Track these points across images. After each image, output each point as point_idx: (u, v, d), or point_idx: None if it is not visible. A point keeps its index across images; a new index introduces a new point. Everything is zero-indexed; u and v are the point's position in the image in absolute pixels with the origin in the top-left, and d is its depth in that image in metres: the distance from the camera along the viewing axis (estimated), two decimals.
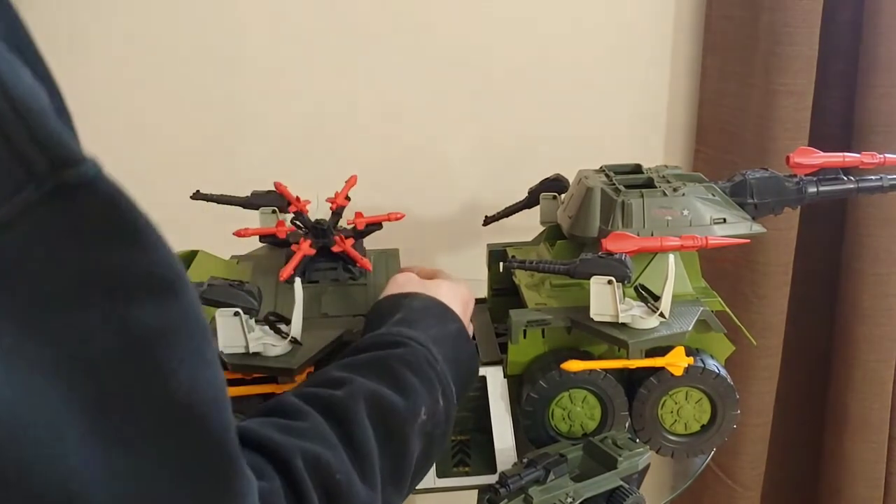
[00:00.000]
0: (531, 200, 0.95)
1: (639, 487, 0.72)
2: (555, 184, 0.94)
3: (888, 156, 0.85)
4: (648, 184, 0.82)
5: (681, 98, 1.26)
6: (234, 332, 0.68)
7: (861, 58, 1.12)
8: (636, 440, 0.73)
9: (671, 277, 0.72)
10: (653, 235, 0.77)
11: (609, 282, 0.71)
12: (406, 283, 0.71)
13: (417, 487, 0.74)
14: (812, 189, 0.85)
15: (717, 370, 0.76)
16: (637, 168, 0.87)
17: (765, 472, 1.30)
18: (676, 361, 0.74)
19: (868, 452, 1.26)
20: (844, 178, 0.85)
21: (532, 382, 0.75)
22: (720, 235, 0.78)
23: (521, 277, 0.84)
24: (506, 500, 0.65)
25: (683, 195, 0.79)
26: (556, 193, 0.92)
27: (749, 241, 0.80)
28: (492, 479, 0.68)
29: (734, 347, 0.80)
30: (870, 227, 1.16)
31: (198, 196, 0.93)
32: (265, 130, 1.20)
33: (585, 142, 1.23)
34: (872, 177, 0.85)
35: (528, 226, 0.95)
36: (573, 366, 0.74)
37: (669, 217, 0.78)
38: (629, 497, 0.69)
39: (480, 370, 0.77)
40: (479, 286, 0.94)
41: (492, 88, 1.21)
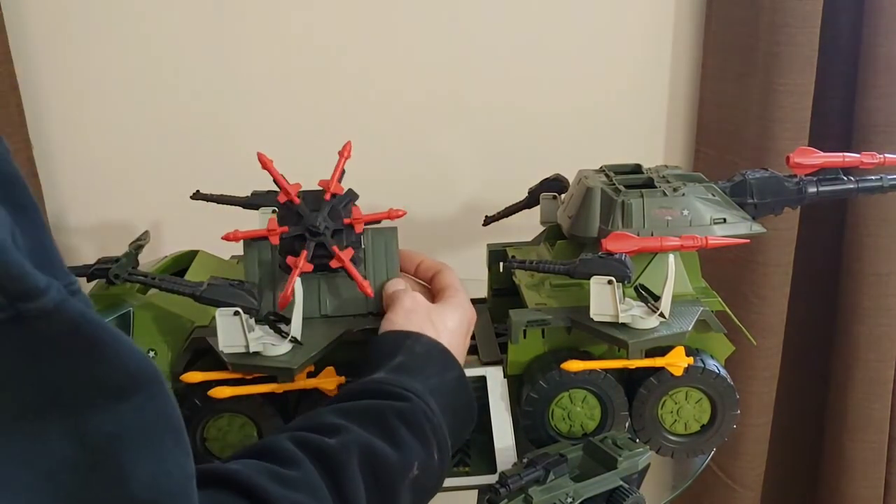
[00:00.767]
0: (531, 200, 0.95)
1: (639, 487, 0.72)
2: (555, 184, 0.94)
3: (888, 156, 0.85)
4: (648, 184, 0.82)
5: (681, 98, 1.26)
6: (234, 332, 0.68)
7: (861, 58, 1.12)
8: (636, 440, 0.73)
9: (671, 277, 0.72)
10: (653, 235, 0.77)
11: (609, 282, 0.71)
12: (412, 311, 0.69)
13: None
14: (812, 189, 0.85)
15: (717, 370, 0.76)
16: (637, 168, 0.87)
17: (765, 472, 1.30)
18: (676, 361, 0.74)
19: (868, 452, 1.26)
20: (844, 178, 0.85)
21: (532, 382, 0.75)
22: (720, 235, 0.78)
23: (521, 277, 0.84)
24: (506, 500, 0.65)
25: (683, 195, 0.79)
26: (556, 193, 0.92)
27: (749, 241, 0.80)
28: (492, 479, 0.68)
29: (734, 347, 0.80)
30: (870, 227, 1.16)
31: (198, 196, 0.93)
32: (265, 130, 1.20)
33: (585, 142, 1.23)
34: (872, 177, 0.85)
35: (528, 226, 0.95)
36: (573, 366, 0.74)
37: (669, 217, 0.78)
38: (629, 497, 0.69)
39: (480, 370, 0.77)
40: (479, 286, 0.94)
41: (492, 88, 1.21)
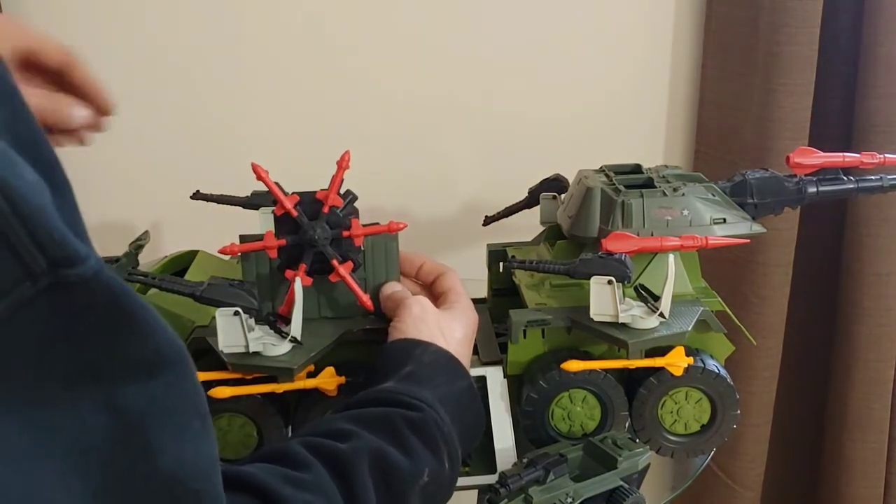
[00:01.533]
0: (531, 200, 0.95)
1: (639, 487, 0.72)
2: (555, 184, 0.94)
3: (888, 156, 0.85)
4: (648, 184, 0.82)
5: (681, 98, 1.26)
6: (234, 332, 0.68)
7: (861, 58, 1.12)
8: (636, 440, 0.73)
9: (671, 277, 0.72)
10: (653, 235, 0.77)
11: (609, 282, 0.71)
12: (421, 319, 0.68)
13: None
14: (812, 189, 0.85)
15: (717, 370, 0.76)
16: (637, 168, 0.87)
17: (765, 472, 1.31)
18: (676, 361, 0.74)
19: (868, 452, 1.26)
20: (844, 178, 0.85)
21: (532, 382, 0.75)
22: (720, 235, 0.78)
23: (521, 277, 0.84)
24: (506, 500, 0.65)
25: (683, 195, 0.79)
26: (556, 193, 0.92)
27: (749, 241, 0.80)
28: (492, 479, 0.68)
29: (734, 347, 0.80)
30: (870, 227, 1.16)
31: (198, 196, 0.93)
32: (265, 130, 1.20)
33: (585, 142, 1.23)
34: (872, 177, 0.85)
35: (528, 226, 0.95)
36: (573, 366, 0.74)
37: (669, 217, 0.78)
38: (629, 497, 0.69)
39: (480, 370, 0.77)
40: (479, 286, 0.94)
41: (492, 88, 1.21)
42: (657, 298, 0.73)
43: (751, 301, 1.20)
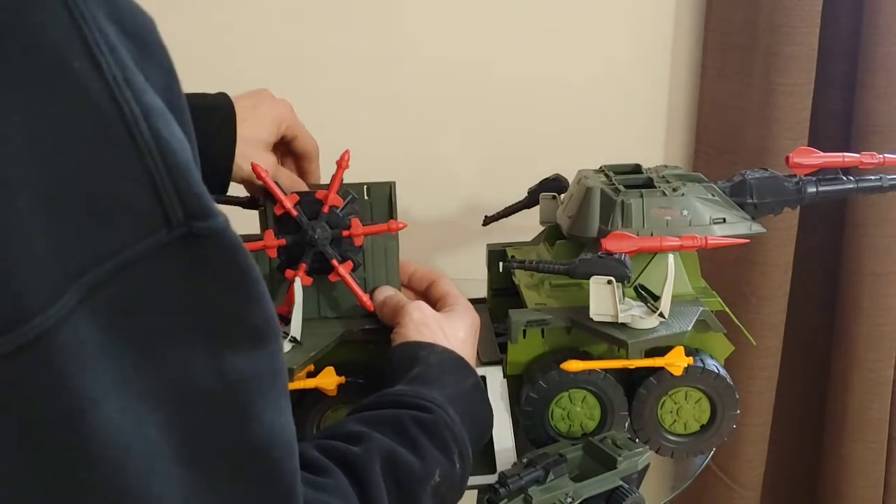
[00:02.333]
0: (531, 200, 0.95)
1: (638, 487, 0.72)
2: (554, 184, 0.94)
3: (888, 156, 0.85)
4: (648, 184, 0.82)
5: (681, 98, 1.26)
6: None
7: (861, 58, 1.12)
8: (636, 440, 0.73)
9: (671, 277, 0.72)
10: (652, 235, 0.77)
11: (609, 282, 0.71)
12: (422, 322, 0.68)
13: None
14: (811, 189, 0.85)
15: (717, 370, 0.76)
16: (637, 168, 0.87)
17: (765, 472, 1.30)
18: (676, 361, 0.74)
19: (868, 452, 1.26)
20: (844, 178, 0.85)
21: (532, 382, 0.76)
22: (720, 235, 0.78)
23: (521, 277, 0.84)
24: (505, 500, 0.65)
25: (683, 195, 0.79)
26: (556, 193, 0.92)
27: (749, 241, 0.80)
28: (491, 479, 0.68)
29: (734, 347, 0.80)
30: (870, 227, 1.16)
31: None
32: None
33: (585, 142, 1.23)
34: (872, 177, 0.85)
35: (528, 226, 0.95)
36: (573, 366, 0.74)
37: (669, 217, 0.78)
38: (629, 497, 0.69)
39: (480, 370, 0.78)
40: (479, 286, 0.94)
41: (491, 88, 1.21)
42: (657, 298, 0.73)
43: (750, 301, 1.20)
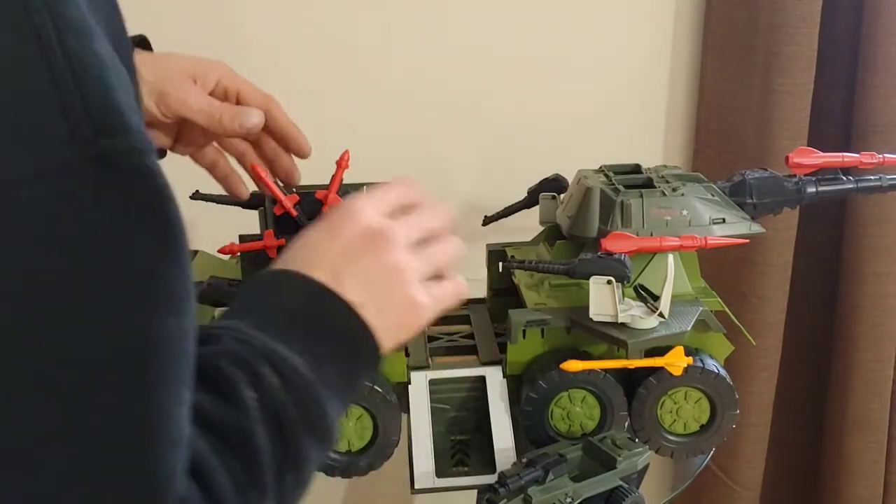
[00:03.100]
0: (531, 200, 0.95)
1: (638, 487, 0.72)
2: (554, 184, 0.94)
3: (887, 156, 0.85)
4: (648, 184, 0.82)
5: (681, 98, 1.26)
6: None
7: (861, 58, 1.12)
8: (635, 440, 0.73)
9: (670, 277, 0.72)
10: (652, 235, 0.77)
11: (608, 282, 0.71)
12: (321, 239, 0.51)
13: (417, 487, 0.74)
14: (811, 189, 0.85)
15: (717, 370, 0.76)
16: (636, 168, 0.87)
17: (764, 472, 1.30)
18: (675, 361, 0.74)
19: (868, 452, 1.26)
20: (843, 178, 0.85)
21: (531, 382, 0.76)
22: (719, 235, 0.78)
23: (521, 277, 0.84)
24: (505, 500, 0.65)
25: (683, 195, 0.79)
26: (556, 193, 0.92)
27: (748, 241, 0.80)
28: (491, 479, 0.68)
29: (733, 347, 0.80)
30: (869, 227, 1.16)
31: (198, 196, 0.93)
32: None
33: (585, 142, 1.23)
34: (871, 177, 0.85)
35: (528, 226, 0.95)
36: (572, 366, 0.74)
37: (669, 217, 0.78)
38: (628, 497, 0.69)
39: (480, 370, 0.78)
40: (479, 286, 0.94)
41: (491, 88, 1.21)
42: (656, 298, 0.73)
43: (750, 301, 1.20)
